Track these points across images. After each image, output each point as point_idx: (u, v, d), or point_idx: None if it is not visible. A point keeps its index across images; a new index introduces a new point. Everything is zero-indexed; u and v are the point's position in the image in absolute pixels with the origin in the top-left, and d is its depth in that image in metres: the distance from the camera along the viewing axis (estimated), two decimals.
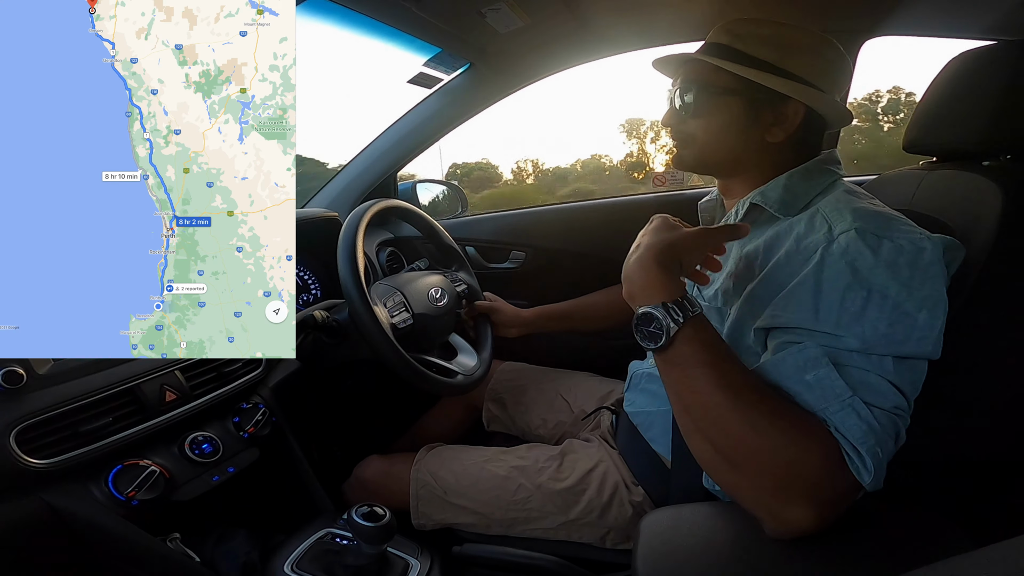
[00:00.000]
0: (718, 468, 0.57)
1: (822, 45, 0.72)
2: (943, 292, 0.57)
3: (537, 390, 1.23)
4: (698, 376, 0.56)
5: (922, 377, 0.57)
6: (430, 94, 1.49)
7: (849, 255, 0.59)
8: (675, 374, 0.58)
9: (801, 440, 0.53)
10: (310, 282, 1.40)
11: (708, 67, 0.73)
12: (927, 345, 0.56)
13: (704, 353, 0.56)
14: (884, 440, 0.53)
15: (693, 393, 0.57)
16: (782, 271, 0.65)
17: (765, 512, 0.55)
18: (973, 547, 0.29)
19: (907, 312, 0.56)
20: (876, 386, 0.55)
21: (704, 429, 0.57)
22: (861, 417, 0.53)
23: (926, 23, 1.19)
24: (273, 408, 0.97)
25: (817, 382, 0.55)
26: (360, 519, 0.76)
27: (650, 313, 0.58)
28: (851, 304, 0.57)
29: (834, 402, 0.54)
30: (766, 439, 0.53)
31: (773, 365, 0.59)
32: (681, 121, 0.77)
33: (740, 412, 0.54)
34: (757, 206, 0.73)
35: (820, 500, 0.53)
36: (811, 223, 0.65)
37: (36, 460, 0.65)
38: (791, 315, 0.60)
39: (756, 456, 0.53)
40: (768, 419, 0.53)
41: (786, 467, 0.52)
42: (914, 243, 0.58)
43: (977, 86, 0.75)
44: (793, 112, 0.72)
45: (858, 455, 0.52)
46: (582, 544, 0.90)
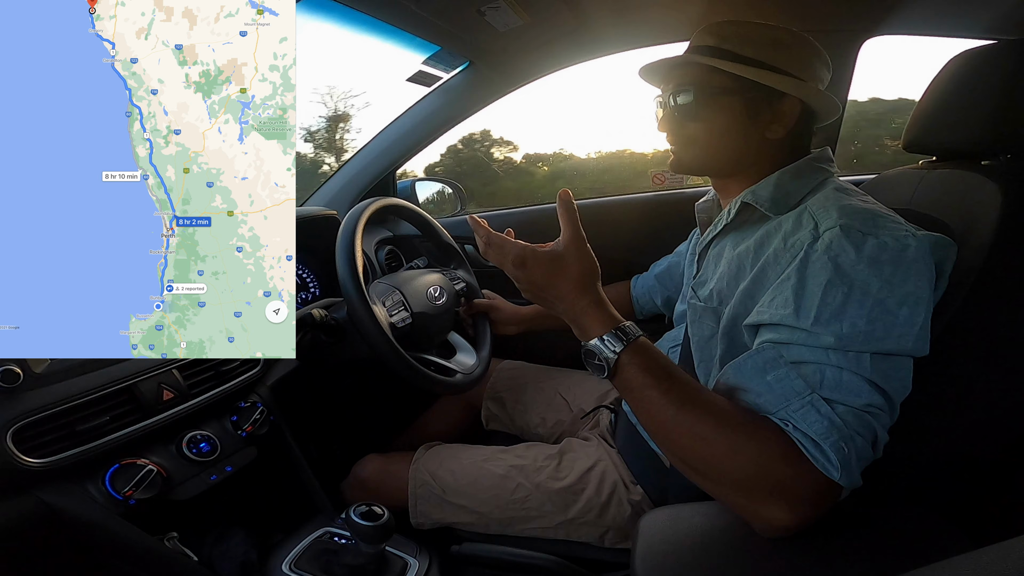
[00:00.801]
0: (692, 478, 0.59)
1: (800, 40, 0.73)
2: (926, 289, 0.57)
3: (536, 389, 1.23)
4: (645, 398, 0.59)
5: (908, 375, 0.57)
6: (429, 92, 1.49)
7: (832, 251, 0.59)
8: (628, 398, 0.61)
9: (752, 443, 0.54)
10: (308, 280, 1.39)
11: (704, 69, 0.73)
12: (907, 341, 0.56)
13: (644, 376, 0.59)
14: (850, 436, 0.53)
15: (646, 413, 0.60)
16: (771, 269, 0.65)
17: (743, 513, 0.57)
18: (972, 547, 0.30)
19: (888, 308, 0.56)
20: (847, 384, 0.55)
21: (664, 444, 0.60)
22: (822, 414, 0.53)
23: (926, 22, 1.19)
24: (271, 407, 0.97)
25: (777, 382, 0.56)
26: (358, 518, 0.77)
27: (590, 348, 0.62)
28: (832, 300, 0.57)
29: (794, 400, 0.55)
30: (717, 447, 0.55)
31: (735, 368, 0.61)
32: (680, 124, 0.76)
33: (687, 426, 0.56)
34: (749, 205, 0.73)
35: (790, 498, 0.53)
36: (799, 221, 0.66)
37: (33, 459, 0.65)
38: (774, 311, 0.60)
39: (713, 464, 0.56)
40: (715, 428, 0.55)
41: (742, 470, 0.54)
42: (899, 240, 0.58)
43: (977, 85, 0.75)
44: (790, 108, 0.72)
45: (820, 450, 0.52)
46: (581, 543, 0.90)
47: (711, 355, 0.73)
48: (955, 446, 0.68)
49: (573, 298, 0.63)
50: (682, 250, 1.13)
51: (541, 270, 0.64)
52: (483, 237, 0.69)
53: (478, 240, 0.69)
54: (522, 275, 0.65)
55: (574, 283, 0.63)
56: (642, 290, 1.23)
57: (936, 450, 0.67)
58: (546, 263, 0.64)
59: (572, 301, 0.63)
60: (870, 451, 0.55)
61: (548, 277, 0.64)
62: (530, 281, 0.65)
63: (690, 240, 1.08)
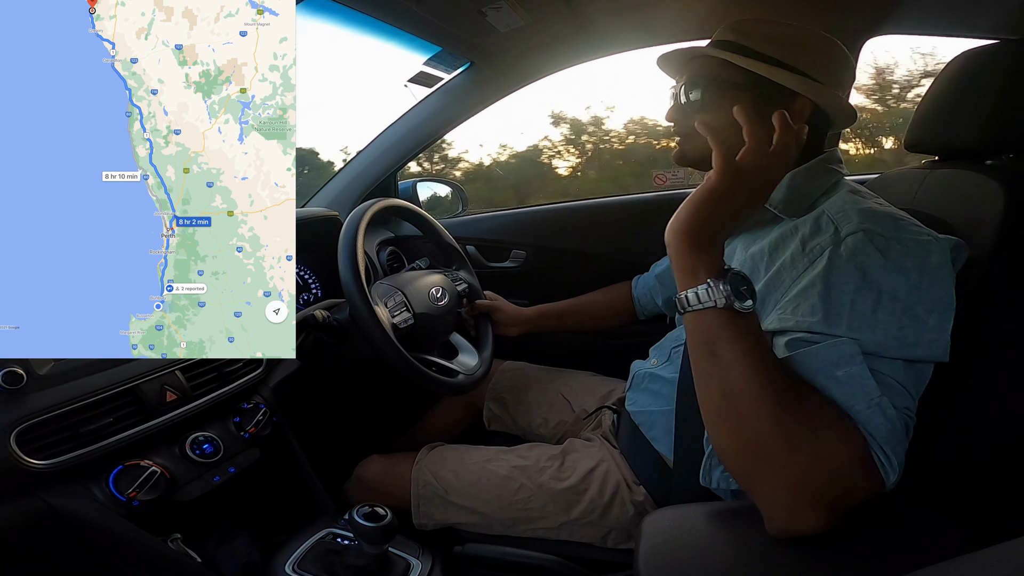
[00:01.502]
0: (740, 461, 0.55)
1: (827, 44, 0.72)
2: (952, 294, 0.57)
3: (538, 389, 1.23)
4: (766, 351, 0.54)
5: (927, 380, 0.57)
6: (430, 93, 1.49)
7: (858, 257, 0.58)
8: (743, 344, 0.53)
9: (832, 437, 0.52)
10: (310, 281, 1.40)
11: (715, 62, 0.73)
12: (938, 348, 0.55)
13: (751, 336, 0.54)
14: (903, 440, 0.53)
15: (753, 368, 0.53)
16: (787, 273, 0.64)
17: (781, 509, 0.53)
18: (973, 547, 0.29)
19: (917, 316, 0.55)
20: (894, 388, 0.55)
21: (743, 415, 0.53)
22: (887, 417, 0.52)
23: (928, 22, 1.19)
24: (274, 408, 0.97)
25: (848, 379, 0.54)
26: (361, 519, 0.76)
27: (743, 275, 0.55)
28: (862, 307, 0.56)
29: (862, 400, 0.53)
30: (796, 432, 0.51)
31: (805, 357, 0.56)
32: (686, 116, 0.76)
33: (775, 403, 0.51)
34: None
35: (843, 499, 0.52)
36: (817, 225, 0.65)
37: (37, 461, 0.65)
38: (800, 318, 0.59)
39: (784, 450, 0.51)
40: (802, 413, 0.52)
41: (811, 464, 0.51)
42: (921, 245, 0.58)
43: (979, 85, 0.75)
44: (800, 108, 0.71)
45: (885, 455, 0.52)
46: (583, 544, 0.90)
47: None
48: (956, 445, 0.67)
49: (730, 226, 0.57)
50: None
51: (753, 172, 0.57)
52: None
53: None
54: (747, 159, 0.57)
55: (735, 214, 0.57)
56: (643, 290, 1.23)
57: (938, 450, 0.67)
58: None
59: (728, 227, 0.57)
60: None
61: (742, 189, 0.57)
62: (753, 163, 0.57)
63: None
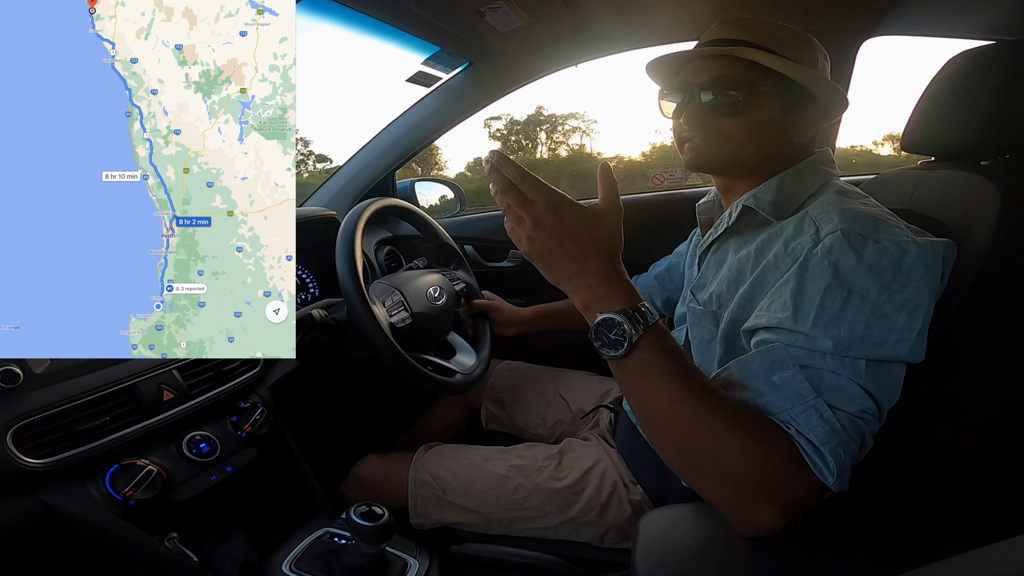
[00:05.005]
0: (684, 473, 0.58)
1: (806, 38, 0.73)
2: (925, 295, 0.57)
3: (536, 389, 1.23)
4: (662, 383, 0.55)
5: (899, 382, 0.57)
6: (428, 93, 1.49)
7: (833, 256, 0.59)
8: (636, 383, 0.57)
9: (760, 444, 0.54)
10: (308, 281, 1.39)
11: (742, 64, 0.70)
12: (904, 348, 0.56)
13: (666, 361, 0.55)
14: (847, 442, 0.53)
15: (658, 399, 0.56)
16: (770, 274, 0.65)
17: (731, 512, 0.56)
18: (972, 547, 0.30)
19: (886, 314, 0.56)
20: (845, 389, 0.55)
21: (667, 437, 0.57)
22: (824, 418, 0.53)
23: (924, 23, 1.20)
24: (271, 407, 0.97)
25: (783, 383, 0.56)
26: (359, 518, 0.76)
27: (611, 319, 0.55)
28: (830, 304, 0.57)
29: (798, 403, 0.54)
30: (727, 444, 0.53)
31: (742, 364, 0.59)
32: (714, 119, 0.72)
33: (702, 420, 0.54)
34: (750, 209, 0.72)
35: (783, 501, 0.53)
36: (800, 226, 0.65)
37: (33, 460, 0.65)
38: (772, 314, 0.60)
39: (718, 461, 0.54)
40: (728, 425, 0.54)
41: (747, 471, 0.53)
42: (899, 246, 0.58)
43: (975, 86, 0.75)
44: (815, 112, 0.71)
45: (820, 456, 0.52)
46: (581, 543, 0.90)
47: (711, 358, 0.73)
48: (954, 446, 0.68)
49: (599, 263, 0.56)
50: (682, 250, 1.13)
51: (577, 222, 0.55)
52: (512, 172, 0.56)
53: (497, 177, 0.56)
54: (549, 222, 0.55)
55: (604, 247, 0.57)
56: (641, 291, 1.23)
57: (935, 450, 0.67)
58: (582, 217, 0.56)
59: (597, 266, 0.56)
60: (859, 456, 0.55)
61: (580, 232, 0.56)
62: (556, 231, 0.55)
63: (690, 240, 1.07)
